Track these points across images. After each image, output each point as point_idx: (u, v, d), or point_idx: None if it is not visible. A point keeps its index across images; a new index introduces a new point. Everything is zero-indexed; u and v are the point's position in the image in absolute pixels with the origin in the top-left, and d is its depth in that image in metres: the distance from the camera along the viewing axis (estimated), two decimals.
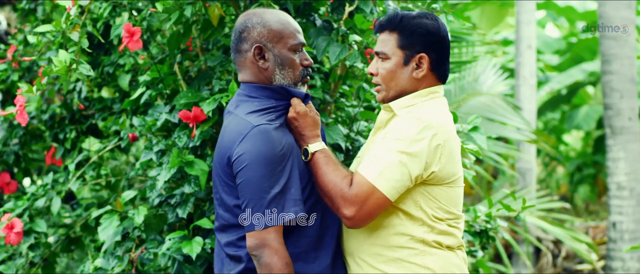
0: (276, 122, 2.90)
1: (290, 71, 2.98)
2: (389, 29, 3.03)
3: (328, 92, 4.29)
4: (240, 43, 3.00)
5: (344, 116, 4.35)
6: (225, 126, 2.99)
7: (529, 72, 9.89)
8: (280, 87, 2.97)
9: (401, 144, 2.86)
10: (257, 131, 2.82)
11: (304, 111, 2.98)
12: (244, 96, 3.01)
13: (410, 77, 3.00)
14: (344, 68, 4.30)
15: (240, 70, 3.03)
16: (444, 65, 3.05)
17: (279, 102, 2.98)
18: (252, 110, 2.92)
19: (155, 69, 4.28)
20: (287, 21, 3.00)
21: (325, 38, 3.87)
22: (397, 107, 3.02)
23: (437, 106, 3.02)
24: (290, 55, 2.97)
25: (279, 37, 2.96)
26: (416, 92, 3.01)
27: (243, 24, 3.00)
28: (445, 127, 2.95)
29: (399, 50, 3.00)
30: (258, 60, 2.96)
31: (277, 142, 2.82)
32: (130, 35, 3.94)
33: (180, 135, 4.00)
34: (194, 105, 3.94)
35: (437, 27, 3.00)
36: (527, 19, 9.90)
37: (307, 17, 4.06)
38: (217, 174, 3.01)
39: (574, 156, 13.95)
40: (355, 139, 4.22)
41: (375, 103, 4.35)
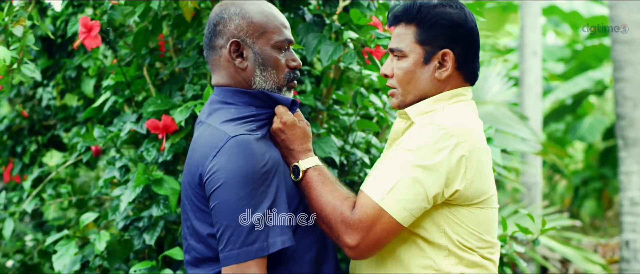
0: (258, 132, 2.56)
1: (274, 73, 2.64)
2: (406, 20, 2.69)
3: (320, 99, 3.91)
4: (215, 38, 2.65)
5: (338, 126, 4.03)
6: (196, 138, 2.64)
7: (534, 79, 9.68)
8: (260, 92, 2.64)
9: (415, 155, 2.52)
10: (235, 143, 2.47)
11: (292, 121, 2.66)
12: (218, 102, 2.66)
13: (432, 78, 2.67)
14: (338, 70, 3.95)
15: (214, 71, 2.68)
16: (473, 62, 2.71)
17: (261, 110, 2.65)
18: (228, 118, 2.58)
19: (120, 72, 3.88)
20: (272, 13, 2.66)
21: (316, 35, 3.48)
22: (415, 113, 2.69)
23: (461, 110, 2.68)
24: (273, 53, 2.63)
25: (261, 32, 2.62)
26: (438, 95, 2.69)
27: (218, 15, 2.66)
28: (472, 135, 2.59)
29: (418, 46, 2.67)
30: (235, 58, 2.62)
31: (259, 156, 2.47)
32: (87, 31, 3.50)
33: (149, 148, 3.65)
34: (164, 113, 3.57)
35: (463, 17, 2.67)
36: (531, 23, 9.68)
37: (295, 11, 3.70)
38: (186, 197, 2.66)
39: (580, 169, 13.65)
40: (350, 152, 3.86)
41: (373, 111, 3.98)
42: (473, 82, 2.76)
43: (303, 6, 3.70)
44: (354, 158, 3.88)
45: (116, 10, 3.57)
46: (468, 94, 2.74)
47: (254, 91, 2.63)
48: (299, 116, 2.74)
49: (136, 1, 3.46)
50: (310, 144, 2.71)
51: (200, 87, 3.60)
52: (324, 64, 3.39)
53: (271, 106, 2.68)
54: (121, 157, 3.71)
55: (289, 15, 3.69)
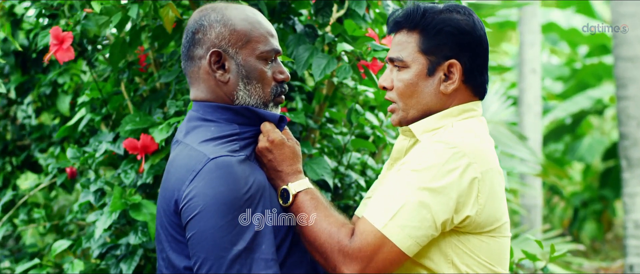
0: (241, 153, 2.38)
1: (259, 87, 2.47)
2: (408, 27, 2.52)
3: (311, 117, 3.75)
4: (193, 47, 2.47)
5: (332, 146, 3.88)
6: (171, 159, 2.47)
7: (533, 98, 9.59)
8: (244, 108, 2.47)
9: (421, 177, 2.34)
10: (215, 166, 2.31)
11: (280, 140, 2.48)
12: (196, 119, 2.48)
13: (437, 92, 2.50)
14: (331, 86, 3.77)
15: (192, 84, 2.51)
16: (482, 75, 2.54)
17: (244, 129, 2.47)
18: (207, 137, 2.40)
19: (95, 88, 3.68)
20: (257, 20, 2.49)
21: (308, 47, 3.30)
22: (421, 131, 2.51)
23: (472, 127, 2.50)
24: (259, 65, 2.46)
25: (245, 41, 2.45)
26: (445, 111, 2.51)
27: (197, 22, 2.48)
28: (485, 155, 2.41)
29: (422, 55, 2.50)
30: (215, 70, 2.45)
31: (242, 180, 2.31)
32: (59, 42, 3.28)
33: (127, 170, 3.47)
34: (143, 132, 3.39)
35: (471, 24, 2.49)
36: (531, 40, 9.56)
37: (284, 21, 3.50)
38: (161, 225, 2.48)
39: (578, 191, 13.50)
40: (345, 174, 3.73)
41: (369, 130, 3.85)
42: (482, 96, 2.58)
43: (293, 16, 3.53)
44: (349, 181, 3.74)
45: (90, 20, 3.35)
46: (478, 109, 2.57)
47: (236, 107, 2.46)
48: (287, 134, 2.57)
49: (112, 9, 3.25)
50: (301, 165, 2.54)
51: (183, 103, 3.41)
52: (316, 79, 3.22)
53: (256, 123, 2.50)
54: (96, 179, 3.53)
55: (278, 25, 3.52)
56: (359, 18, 3.46)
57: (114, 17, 3.23)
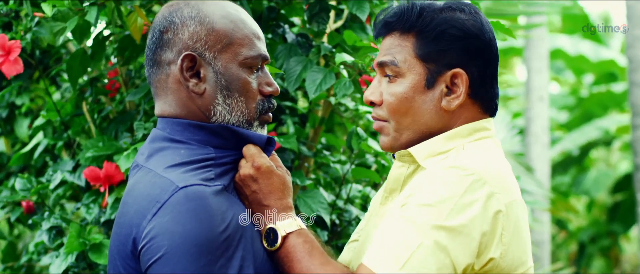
0: (217, 183, 2.08)
1: (242, 101, 2.18)
2: (401, 29, 2.22)
3: (305, 143, 3.46)
4: (161, 50, 2.16)
5: (329, 177, 3.64)
6: (130, 188, 2.16)
7: (540, 128, 9.47)
8: (222, 128, 2.16)
9: (435, 213, 2.02)
10: (185, 197, 2.01)
11: (268, 167, 2.18)
12: (163, 139, 2.17)
13: (438, 109, 2.21)
14: (328, 106, 3.46)
15: (158, 95, 2.20)
16: (492, 87, 2.25)
17: (222, 152, 2.16)
18: (176, 162, 2.10)
19: (53, 108, 3.34)
20: (240, 18, 2.19)
21: (301, 59, 3.02)
22: (424, 155, 2.21)
23: (488, 150, 2.21)
24: (242, 74, 2.17)
25: (226, 44, 2.16)
26: (453, 131, 2.21)
27: (167, 19, 2.17)
28: (507, 184, 2.12)
29: (419, 63, 2.20)
30: (188, 78, 2.14)
31: (218, 216, 2.01)
32: (4, 53, 2.89)
33: (89, 204, 3.14)
34: (106, 160, 3.08)
35: (478, 24, 2.20)
36: (538, 66, 9.42)
37: (273, 30, 3.20)
38: (114, 269, 2.15)
39: (584, 225, 13.40)
40: (344, 209, 3.46)
41: (371, 158, 3.57)
42: (493, 113, 2.28)
43: (283, 23, 3.20)
44: (349, 217, 3.46)
45: (43, 27, 2.95)
46: (492, 128, 2.28)
47: (213, 125, 2.16)
48: (276, 161, 2.27)
49: (67, 14, 2.86)
50: (291, 199, 2.24)
51: (154, 125, 3.06)
52: (311, 97, 2.95)
53: (237, 145, 2.19)
54: (51, 215, 3.16)
55: (266, 35, 3.20)
56: (360, 30, 3.20)
57: (70, 23, 2.83)
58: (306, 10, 3.10)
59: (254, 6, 3.09)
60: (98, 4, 2.81)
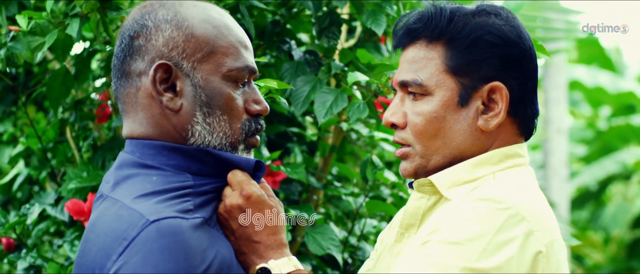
0: (196, 215, 1.86)
1: (224, 120, 1.97)
2: (428, 36, 2.03)
3: (314, 173, 3.34)
4: (130, 58, 1.94)
5: (340, 211, 3.50)
6: (92, 222, 1.93)
7: (559, 161, 9.38)
8: (202, 151, 1.95)
9: (465, 253, 1.86)
10: (157, 232, 1.79)
11: (258, 196, 1.96)
12: (131, 164, 1.96)
13: (473, 129, 2.03)
14: (339, 132, 3.33)
15: (126, 113, 1.98)
16: (532, 104, 2.07)
17: (202, 180, 1.95)
18: (147, 191, 1.88)
19: (34, 135, 3.20)
20: (225, 24, 1.99)
21: (309, 79, 2.89)
22: (447, 184, 2.03)
23: (523, 181, 2.03)
24: (225, 88, 1.96)
25: (207, 52, 1.94)
26: (480, 157, 2.04)
27: (138, 22, 1.95)
28: (546, 220, 1.94)
29: (450, 77, 2.02)
30: (162, 92, 1.92)
31: (197, 255, 1.82)
32: None
33: (73, 240, 2.99)
34: (91, 191, 2.95)
35: (516, 30, 2.02)
36: (556, 97, 9.37)
37: (278, 46, 3.04)
38: None
39: (601, 262, 13.25)
40: (357, 246, 3.33)
41: (387, 191, 3.43)
42: (529, 136, 2.13)
43: (289, 39, 3.04)
44: (362, 255, 3.34)
45: (20, 43, 2.75)
46: (525, 154, 2.11)
47: (191, 148, 1.94)
48: (266, 190, 2.04)
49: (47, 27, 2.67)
50: (285, 235, 2.03)
51: None
52: (321, 120, 2.78)
53: (220, 172, 1.97)
54: (28, 253, 3.00)
55: (271, 52, 3.06)
56: (374, 49, 3.05)
57: (49, 37, 2.64)
58: (315, 24, 2.96)
59: (256, 20, 2.96)
60: (80, 16, 2.64)
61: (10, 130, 3.59)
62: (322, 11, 2.89)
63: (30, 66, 3.13)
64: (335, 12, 2.90)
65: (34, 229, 3.05)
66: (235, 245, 1.94)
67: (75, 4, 2.68)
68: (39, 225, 3.07)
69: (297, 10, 3.00)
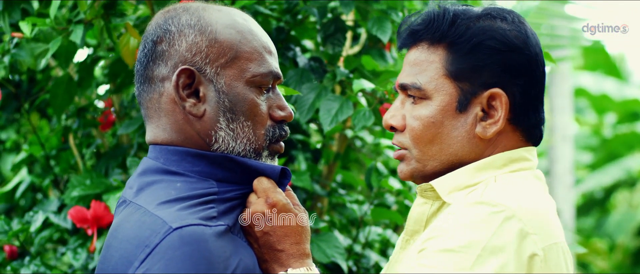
0: (220, 222, 1.83)
1: (248, 126, 1.93)
2: (430, 39, 1.99)
3: (319, 181, 3.30)
4: (154, 63, 1.91)
5: (345, 219, 3.51)
6: (115, 228, 1.92)
7: (564, 168, 9.36)
8: (226, 158, 1.91)
9: (459, 260, 1.82)
10: (179, 240, 1.77)
11: (284, 205, 1.93)
12: (155, 171, 1.93)
13: (471, 136, 1.99)
14: (344, 140, 3.30)
15: (150, 118, 1.95)
16: (537, 112, 2.01)
17: (227, 187, 1.91)
18: (170, 198, 1.85)
19: (37, 142, 3.19)
20: (250, 29, 1.94)
21: (314, 86, 2.86)
22: (448, 189, 1.99)
23: (525, 183, 1.96)
24: (249, 94, 1.92)
25: (231, 57, 1.90)
26: (484, 160, 1.98)
27: (161, 27, 1.92)
28: (546, 223, 1.88)
29: (449, 81, 1.98)
30: (185, 98, 1.89)
31: (221, 263, 1.78)
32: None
33: (76, 249, 2.97)
34: (94, 199, 2.91)
35: (523, 36, 1.96)
36: (561, 105, 9.33)
37: (283, 53, 2.99)
38: None
39: (606, 270, 13.20)
40: (362, 254, 3.31)
41: (392, 198, 3.39)
42: (537, 141, 2.05)
43: (294, 46, 3.00)
44: (367, 263, 3.31)
45: (23, 49, 2.73)
46: (533, 158, 2.03)
47: (216, 154, 1.91)
48: (292, 199, 2.01)
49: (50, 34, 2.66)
50: (309, 244, 1.99)
51: None
52: (326, 128, 2.76)
53: (245, 179, 1.93)
54: (31, 261, 2.96)
55: None
56: (379, 56, 3.00)
57: (53, 44, 2.61)
58: (319, 31, 2.92)
59: (261, 26, 2.83)
60: (84, 23, 2.61)
61: (13, 137, 3.58)
62: (327, 18, 2.87)
63: (34, 73, 3.12)
64: (340, 19, 2.87)
65: (37, 237, 3.01)
66: (258, 253, 1.92)
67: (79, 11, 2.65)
68: (42, 233, 3.04)
69: (301, 16, 2.97)
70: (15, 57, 2.76)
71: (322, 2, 2.85)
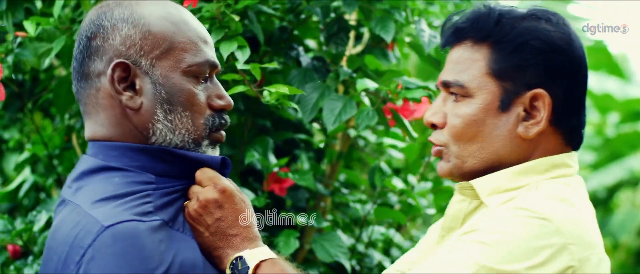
0: (155, 217, 1.80)
1: (187, 116, 1.92)
2: (474, 37, 1.99)
3: (322, 180, 3.24)
4: (89, 59, 1.90)
5: (348, 218, 3.43)
6: (54, 230, 1.89)
7: None
8: (165, 151, 1.89)
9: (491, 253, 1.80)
10: (111, 238, 1.74)
11: (232, 190, 1.91)
12: (92, 168, 1.90)
13: (513, 136, 1.98)
14: (346, 140, 3.25)
15: (88, 115, 1.94)
16: (580, 114, 2.00)
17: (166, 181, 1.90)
18: (106, 195, 1.83)
19: (39, 141, 3.15)
20: (183, 20, 1.95)
21: (317, 85, 2.80)
22: (487, 191, 1.97)
23: (569, 191, 1.92)
24: (186, 84, 1.91)
25: (166, 48, 1.90)
26: (526, 165, 1.96)
27: (95, 23, 1.91)
28: (587, 235, 1.86)
29: (493, 80, 1.97)
30: (121, 91, 1.89)
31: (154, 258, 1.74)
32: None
33: None
34: None
35: (567, 37, 1.96)
36: None
37: (286, 52, 2.95)
38: None
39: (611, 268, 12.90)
40: (365, 253, 3.24)
41: (395, 198, 3.31)
42: (577, 146, 2.03)
43: (297, 45, 2.96)
44: (370, 263, 3.27)
45: (26, 49, 2.70)
46: (574, 165, 2.00)
47: (154, 147, 1.89)
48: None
49: (54, 33, 2.63)
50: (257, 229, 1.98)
51: None
52: (329, 128, 2.73)
53: (185, 172, 1.91)
54: (34, 261, 2.91)
55: (279, 58, 2.97)
56: (382, 56, 2.95)
57: (56, 43, 2.58)
58: (323, 30, 2.87)
59: (264, 26, 2.87)
60: None
61: (16, 137, 3.54)
62: (330, 18, 2.84)
63: (37, 73, 3.08)
64: (343, 19, 2.84)
65: (41, 237, 2.94)
66: (209, 242, 1.89)
67: (82, 10, 2.63)
68: (46, 232, 2.94)
69: (305, 16, 2.94)
70: (19, 57, 2.73)
71: (325, 1, 2.81)
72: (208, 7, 2.43)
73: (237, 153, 2.97)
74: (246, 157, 2.81)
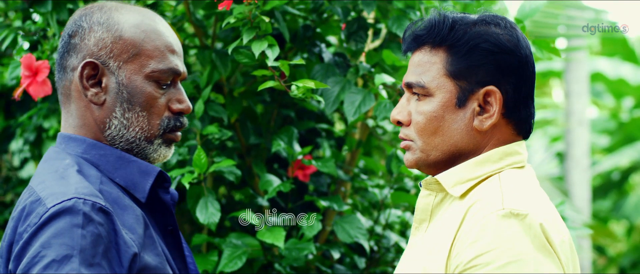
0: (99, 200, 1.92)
1: (143, 116, 2.06)
2: (431, 43, 2.10)
3: (342, 166, 3.31)
4: (68, 54, 2.07)
5: (366, 202, 3.52)
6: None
7: (581, 152, 9.07)
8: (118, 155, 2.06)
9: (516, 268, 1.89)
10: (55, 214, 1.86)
11: None
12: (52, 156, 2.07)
13: (469, 129, 2.09)
14: (365, 129, 3.32)
15: (63, 104, 2.10)
16: (527, 107, 2.12)
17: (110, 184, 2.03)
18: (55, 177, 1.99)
19: None
20: (155, 29, 2.08)
21: (339, 80, 2.90)
22: (452, 182, 2.08)
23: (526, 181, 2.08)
24: (147, 87, 2.05)
25: (133, 54, 2.05)
26: (481, 157, 2.08)
27: (76, 23, 2.08)
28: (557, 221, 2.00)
29: (449, 80, 2.09)
30: (88, 87, 2.04)
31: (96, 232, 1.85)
32: (32, 74, 2.71)
33: None
34: None
35: (514, 39, 2.08)
36: (577, 90, 9.05)
37: (309, 49, 3.05)
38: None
39: (624, 251, 12.92)
40: (382, 235, 3.33)
41: (410, 183, 3.42)
42: (527, 135, 2.16)
43: (319, 42, 3.06)
44: (387, 243, 3.35)
45: None
46: (524, 152, 2.13)
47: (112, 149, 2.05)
48: None
49: None
50: None
51: (188, 150, 2.93)
52: (350, 119, 2.83)
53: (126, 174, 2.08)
54: None
55: (302, 54, 3.06)
56: (398, 50, 3.00)
57: None
58: (344, 29, 2.97)
59: (289, 24, 2.97)
60: None
61: (55, 126, 3.55)
62: (350, 16, 2.92)
63: None
64: (362, 17, 2.93)
65: None
66: None
67: None
68: None
69: (326, 15, 3.02)
70: None
71: (345, 1, 2.89)
72: (239, 9, 2.53)
73: (264, 142, 3.05)
74: (273, 145, 2.90)
